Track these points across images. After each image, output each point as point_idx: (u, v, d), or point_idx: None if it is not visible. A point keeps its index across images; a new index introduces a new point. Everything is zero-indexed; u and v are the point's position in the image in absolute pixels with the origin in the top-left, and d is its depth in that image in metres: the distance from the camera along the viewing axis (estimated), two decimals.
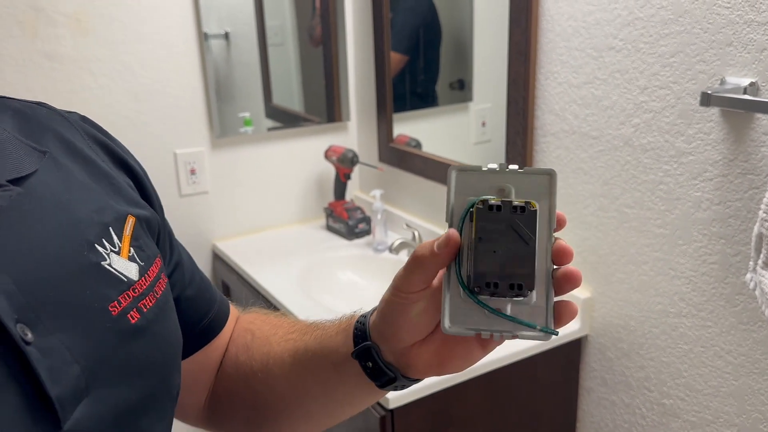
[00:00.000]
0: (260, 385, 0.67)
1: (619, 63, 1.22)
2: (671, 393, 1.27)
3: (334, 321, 0.63)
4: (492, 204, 0.44)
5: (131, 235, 0.53)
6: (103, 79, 1.68)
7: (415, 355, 0.54)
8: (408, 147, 1.89)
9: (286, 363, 0.64)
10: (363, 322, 0.57)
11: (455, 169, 0.47)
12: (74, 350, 0.43)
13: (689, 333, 1.21)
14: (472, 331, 0.47)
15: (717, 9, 1.04)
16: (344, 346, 0.58)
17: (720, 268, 1.13)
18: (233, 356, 0.70)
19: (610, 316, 1.36)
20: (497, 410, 1.36)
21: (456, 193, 0.47)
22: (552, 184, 0.47)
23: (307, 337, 0.64)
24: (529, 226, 0.44)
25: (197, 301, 0.67)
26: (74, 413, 0.42)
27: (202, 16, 1.76)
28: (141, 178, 0.61)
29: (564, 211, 1.40)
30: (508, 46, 1.42)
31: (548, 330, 0.46)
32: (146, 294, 0.51)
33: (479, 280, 0.44)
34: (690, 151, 1.13)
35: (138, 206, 0.56)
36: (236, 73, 1.89)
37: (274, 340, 0.67)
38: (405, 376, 0.56)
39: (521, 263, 0.44)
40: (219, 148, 1.88)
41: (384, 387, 0.57)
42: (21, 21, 1.56)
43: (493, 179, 0.47)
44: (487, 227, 0.44)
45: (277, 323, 0.71)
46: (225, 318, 0.71)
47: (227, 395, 0.70)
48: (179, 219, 1.86)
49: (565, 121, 1.35)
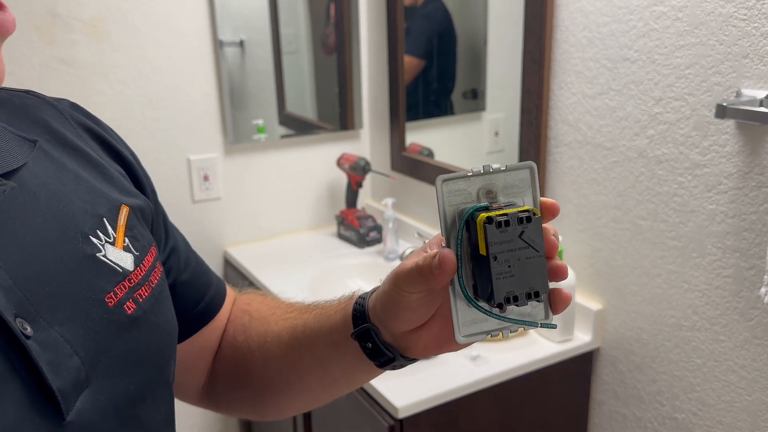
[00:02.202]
0: (258, 363, 0.67)
1: (634, 74, 1.21)
2: (683, 407, 1.25)
3: (333, 301, 0.63)
4: (500, 221, 0.45)
5: (125, 225, 0.52)
6: (118, 85, 1.69)
7: (414, 338, 0.54)
8: (420, 156, 1.89)
9: (284, 340, 0.65)
10: (362, 304, 0.57)
11: (441, 178, 0.47)
12: (73, 342, 0.44)
13: (702, 347, 1.19)
14: (483, 335, 0.49)
15: (733, 21, 1.04)
16: (343, 325, 0.59)
17: (734, 281, 1.12)
18: (231, 337, 0.71)
19: (623, 329, 1.34)
20: (507, 422, 1.35)
21: (446, 203, 0.48)
22: (533, 177, 0.48)
23: (306, 316, 0.64)
24: (536, 233, 0.45)
25: (194, 285, 0.67)
26: (76, 404, 0.43)
27: (218, 24, 1.78)
28: (133, 166, 0.60)
29: (577, 221, 1.40)
30: (522, 55, 1.42)
31: (548, 325, 0.49)
32: (142, 284, 0.51)
33: (500, 296, 0.45)
34: (705, 163, 1.12)
35: (131, 195, 0.56)
36: (250, 80, 1.90)
37: (272, 319, 0.68)
38: (404, 356, 0.56)
39: (535, 271, 0.46)
40: (232, 155, 1.89)
41: (383, 366, 0.58)
42: (38, 27, 1.58)
43: (480, 182, 0.48)
44: (499, 245, 0.45)
45: (275, 304, 0.71)
46: (222, 300, 0.71)
47: (226, 375, 0.70)
48: (191, 225, 1.87)
49: (578, 132, 1.35)
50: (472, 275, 0.47)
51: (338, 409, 1.42)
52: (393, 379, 1.25)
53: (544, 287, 0.46)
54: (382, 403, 1.23)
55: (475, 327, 0.49)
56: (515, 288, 0.45)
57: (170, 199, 1.82)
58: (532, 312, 0.49)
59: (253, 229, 1.97)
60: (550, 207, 0.48)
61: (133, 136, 1.74)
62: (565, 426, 1.45)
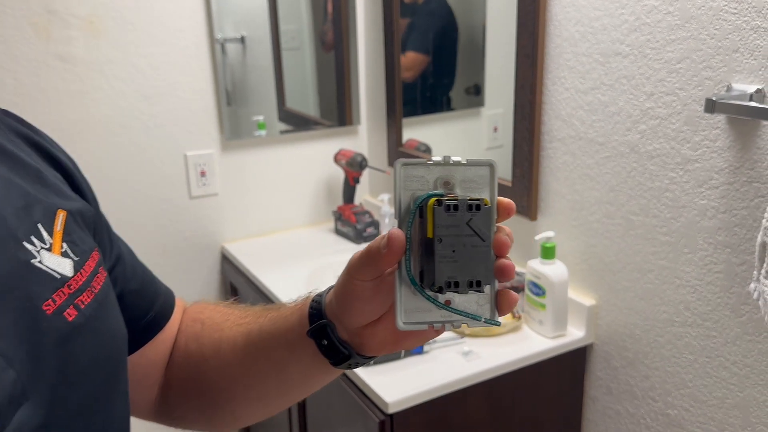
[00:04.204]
0: (212, 371, 0.66)
1: (626, 69, 1.20)
2: (676, 403, 1.25)
3: (289, 303, 0.62)
4: (449, 204, 0.45)
5: (63, 230, 0.50)
6: (115, 81, 1.70)
7: (370, 334, 0.54)
8: (417, 152, 1.89)
9: (239, 345, 0.64)
10: (318, 301, 0.57)
11: (400, 162, 0.48)
12: (8, 355, 0.42)
13: (694, 343, 1.19)
14: (425, 325, 0.49)
15: (724, 15, 1.03)
16: (299, 325, 0.58)
17: (725, 277, 1.11)
18: (183, 347, 0.69)
19: (616, 324, 1.34)
20: (499, 418, 1.35)
21: (403, 187, 0.48)
22: (493, 175, 0.48)
23: (261, 320, 0.63)
24: (484, 223, 0.45)
25: (141, 295, 0.66)
26: (13, 420, 0.41)
27: (219, 20, 1.78)
28: (70, 170, 0.59)
29: (570, 217, 1.39)
30: (515, 50, 1.42)
31: (492, 322, 0.49)
32: (83, 290, 0.49)
33: (440, 280, 0.45)
34: (696, 158, 1.11)
35: (69, 199, 0.54)
36: (251, 76, 1.90)
37: (225, 326, 0.67)
38: (360, 353, 0.56)
39: (479, 261, 0.46)
40: (229, 151, 1.89)
41: (339, 365, 0.57)
42: (35, 23, 1.58)
43: (438, 172, 0.48)
44: (445, 228, 0.45)
45: (228, 311, 0.70)
46: (171, 310, 0.70)
47: (179, 386, 0.69)
48: (189, 220, 1.88)
49: (571, 127, 1.34)
50: (420, 263, 0.47)
51: (330, 404, 1.42)
52: (384, 374, 1.25)
53: (486, 278, 0.46)
54: (372, 398, 1.23)
55: (419, 316, 0.49)
56: (457, 274, 0.45)
57: (167, 194, 1.83)
58: (478, 309, 0.49)
59: (250, 225, 1.98)
60: (506, 206, 0.48)
61: (130, 132, 1.75)
62: (558, 422, 1.45)
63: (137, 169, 1.78)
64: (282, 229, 2.03)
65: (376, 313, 0.53)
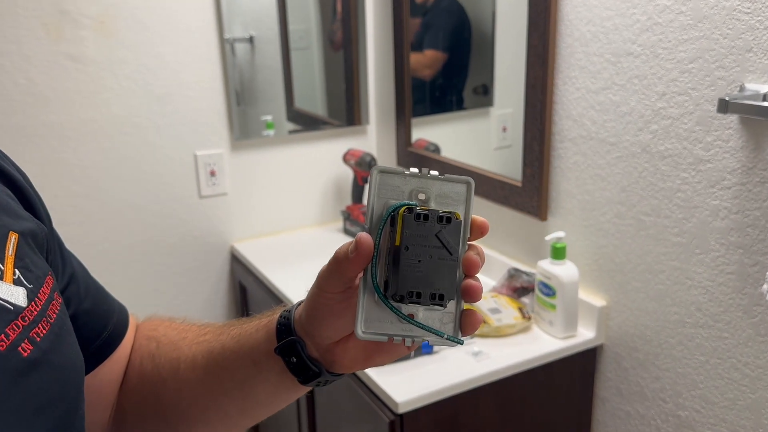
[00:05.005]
0: (171, 392, 0.63)
1: (638, 68, 1.20)
2: (687, 405, 1.24)
3: (252, 319, 0.60)
4: (419, 213, 0.44)
5: (14, 254, 0.46)
6: (125, 81, 1.71)
7: (341, 351, 0.53)
8: (426, 152, 1.89)
9: (199, 365, 0.61)
10: (287, 317, 0.55)
11: (377, 169, 0.47)
12: None
13: (706, 344, 1.18)
14: (385, 337, 0.48)
15: (737, 14, 1.02)
16: (266, 342, 0.56)
17: (737, 278, 1.10)
18: (138, 366, 0.66)
19: (626, 325, 1.34)
20: (508, 418, 1.35)
21: (377, 194, 0.47)
22: (469, 193, 0.48)
23: (223, 337, 0.61)
24: (453, 237, 0.45)
25: (95, 315, 0.62)
26: None
27: (228, 21, 1.78)
28: (22, 186, 0.54)
29: (581, 217, 1.39)
30: (526, 50, 1.42)
31: (455, 339, 0.48)
32: (38, 321, 0.45)
33: (403, 289, 0.45)
34: (708, 158, 1.11)
35: (20, 218, 0.50)
36: (260, 76, 1.91)
37: (183, 344, 0.64)
38: (329, 371, 0.55)
39: (444, 274, 0.45)
40: (239, 150, 1.90)
41: (307, 383, 0.56)
42: (46, 23, 1.59)
43: (414, 183, 0.47)
44: (413, 236, 0.44)
45: (184, 328, 0.67)
46: (125, 328, 0.66)
47: (134, 408, 0.65)
48: (198, 220, 1.88)
49: (582, 127, 1.34)
50: (386, 272, 0.46)
51: (339, 404, 1.42)
52: (394, 374, 1.26)
53: (449, 292, 0.45)
54: (382, 398, 1.23)
55: (380, 326, 0.47)
56: (420, 285, 0.44)
57: (177, 194, 1.84)
58: (441, 326, 0.48)
59: (260, 224, 1.98)
60: (480, 225, 0.47)
61: (141, 132, 1.75)
62: (568, 423, 1.45)
63: (147, 169, 1.78)
64: (291, 228, 2.03)
65: (347, 328, 0.51)
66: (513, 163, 1.56)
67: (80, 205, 1.71)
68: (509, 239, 1.62)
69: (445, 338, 0.47)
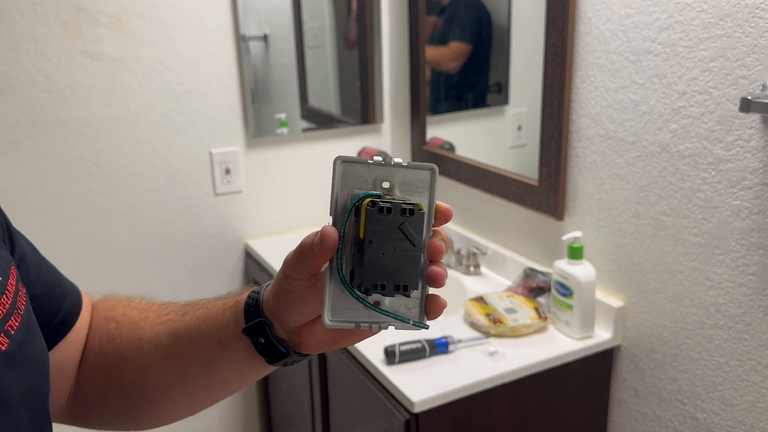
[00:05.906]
0: (133, 371, 0.63)
1: (657, 67, 1.19)
2: (705, 407, 1.23)
3: (217, 299, 0.60)
4: (382, 206, 0.44)
5: None
6: (143, 78, 1.71)
7: (308, 333, 0.53)
8: (441, 150, 1.88)
9: (163, 344, 0.61)
10: (255, 298, 0.56)
11: (340, 159, 0.47)
12: None
13: (725, 345, 1.17)
14: (352, 324, 0.48)
15: (759, 12, 1.01)
16: (233, 322, 0.56)
17: (758, 279, 1.09)
18: (97, 347, 0.65)
19: (644, 326, 1.32)
20: (524, 419, 1.34)
21: (341, 185, 0.47)
22: (433, 180, 0.48)
23: (187, 318, 0.61)
24: (416, 228, 0.45)
25: (48, 296, 0.61)
26: None
27: (242, 19, 1.79)
28: None
29: (599, 217, 1.38)
30: (544, 48, 1.41)
31: (420, 324, 0.48)
32: (11, 314, 0.44)
33: (367, 281, 0.45)
34: (729, 158, 1.10)
35: None
36: (274, 74, 1.91)
37: (145, 324, 0.64)
38: (296, 351, 0.55)
39: (408, 265, 0.46)
40: (254, 148, 1.90)
41: (274, 363, 0.56)
42: (64, 21, 1.60)
43: (378, 172, 0.47)
44: (376, 229, 0.45)
45: (145, 307, 0.67)
46: (79, 308, 0.65)
47: (96, 387, 0.65)
48: (213, 217, 1.89)
49: (601, 126, 1.33)
50: (351, 262, 0.47)
51: (354, 402, 1.42)
52: (409, 373, 1.25)
53: (413, 283, 0.46)
54: (398, 397, 1.23)
55: (347, 314, 0.48)
56: (384, 277, 0.45)
57: (193, 191, 1.84)
58: (407, 312, 0.48)
59: (274, 222, 1.98)
60: (444, 211, 0.48)
61: (157, 129, 1.76)
62: (584, 424, 1.44)
63: (164, 166, 1.79)
64: (305, 226, 2.03)
65: (314, 312, 0.52)
66: (528, 162, 1.55)
67: (96, 201, 1.71)
68: (525, 239, 1.61)
69: (411, 324, 0.48)
